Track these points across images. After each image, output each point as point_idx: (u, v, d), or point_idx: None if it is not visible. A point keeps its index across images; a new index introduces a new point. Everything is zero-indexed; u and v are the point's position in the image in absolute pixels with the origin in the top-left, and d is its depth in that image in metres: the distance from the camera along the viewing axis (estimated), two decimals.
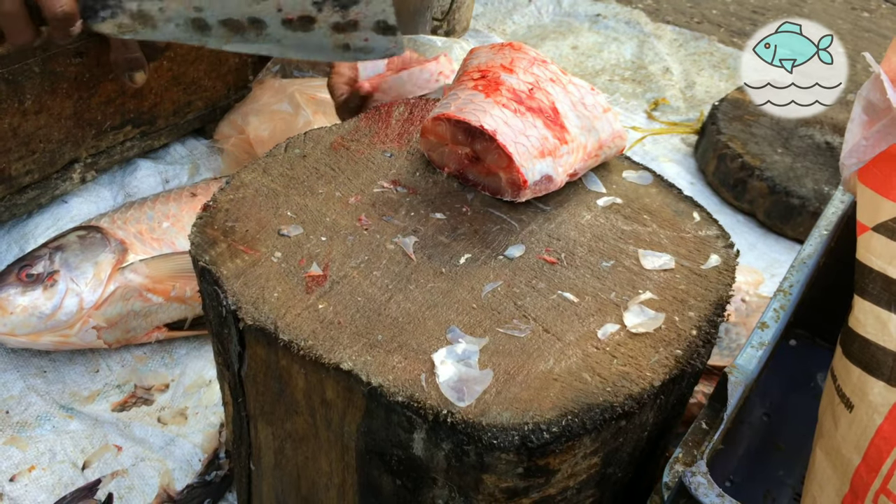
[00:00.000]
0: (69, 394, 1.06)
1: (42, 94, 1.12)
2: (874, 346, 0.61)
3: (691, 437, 0.60)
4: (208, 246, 0.65)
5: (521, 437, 0.52)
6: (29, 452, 0.98)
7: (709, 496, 0.53)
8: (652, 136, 1.79)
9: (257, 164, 0.75)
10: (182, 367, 1.11)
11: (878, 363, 0.60)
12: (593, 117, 0.72)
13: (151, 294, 1.06)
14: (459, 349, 0.57)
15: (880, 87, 0.71)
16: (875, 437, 0.58)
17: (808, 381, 1.05)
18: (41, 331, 1.02)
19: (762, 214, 1.53)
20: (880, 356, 0.60)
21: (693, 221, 0.72)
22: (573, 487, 0.60)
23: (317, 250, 0.66)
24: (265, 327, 0.58)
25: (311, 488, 0.70)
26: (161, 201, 1.17)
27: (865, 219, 0.67)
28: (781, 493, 0.89)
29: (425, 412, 0.53)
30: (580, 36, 2.22)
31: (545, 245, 0.68)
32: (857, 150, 0.74)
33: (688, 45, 2.21)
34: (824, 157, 1.56)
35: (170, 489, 0.96)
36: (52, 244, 1.07)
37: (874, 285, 0.64)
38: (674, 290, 0.64)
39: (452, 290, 0.63)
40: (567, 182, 0.73)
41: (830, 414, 0.64)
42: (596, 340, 0.59)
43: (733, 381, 0.62)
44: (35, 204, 1.24)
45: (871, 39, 2.53)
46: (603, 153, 0.75)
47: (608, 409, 0.54)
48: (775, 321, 0.69)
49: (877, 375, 0.60)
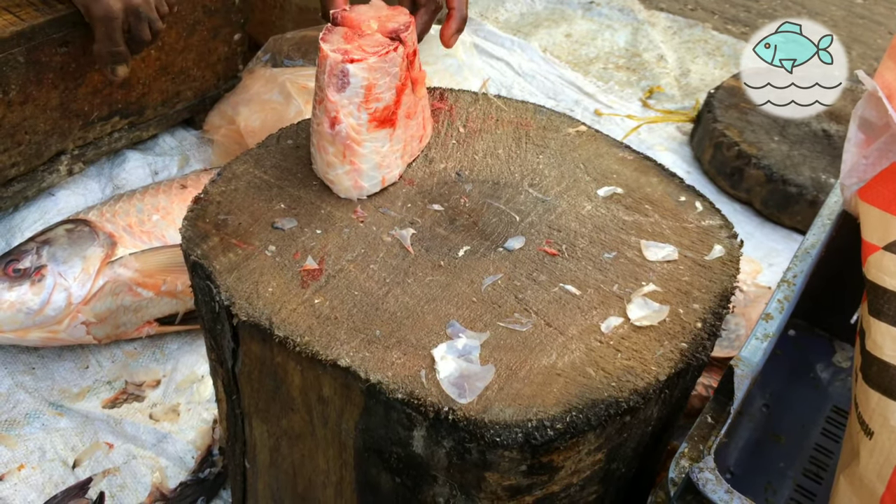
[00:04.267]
0: (58, 391, 1.04)
1: (27, 84, 1.10)
2: (894, 368, 0.59)
3: (697, 432, 0.58)
4: (200, 240, 0.63)
5: (525, 434, 0.51)
6: (18, 451, 0.96)
7: (717, 492, 0.52)
8: (647, 125, 1.78)
9: (249, 155, 0.73)
10: (174, 363, 1.09)
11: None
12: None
13: (141, 288, 1.04)
14: (460, 344, 0.56)
15: (877, 103, 0.70)
16: None
17: (807, 371, 1.04)
18: (29, 327, 1.00)
19: (759, 203, 1.52)
20: None
21: (696, 211, 0.71)
22: (577, 484, 0.58)
23: (312, 243, 0.64)
24: (259, 323, 0.57)
25: (307, 486, 0.69)
26: (150, 194, 1.15)
27: (875, 238, 0.66)
28: (782, 485, 0.89)
29: (426, 409, 0.52)
30: (573, 23, 2.20)
31: (546, 236, 0.66)
32: (856, 170, 0.73)
33: (682, 32, 2.19)
34: (821, 145, 1.55)
35: (163, 487, 0.94)
36: (40, 238, 1.05)
37: (890, 306, 0.62)
38: (678, 281, 0.63)
39: (452, 284, 0.61)
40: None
41: (851, 441, 0.62)
42: (599, 334, 0.58)
43: (739, 373, 0.60)
44: (21, 197, 1.22)
45: (866, 26, 2.52)
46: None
47: (613, 404, 0.53)
48: (779, 312, 0.68)
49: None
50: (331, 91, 0.64)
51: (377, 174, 0.69)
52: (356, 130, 0.66)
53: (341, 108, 0.65)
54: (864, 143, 0.73)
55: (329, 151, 0.67)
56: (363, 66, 0.64)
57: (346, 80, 0.64)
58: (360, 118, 0.66)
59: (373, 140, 0.67)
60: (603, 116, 1.79)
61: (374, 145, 0.67)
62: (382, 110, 0.66)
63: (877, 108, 0.71)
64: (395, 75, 0.66)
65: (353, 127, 0.66)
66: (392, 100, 0.67)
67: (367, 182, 0.68)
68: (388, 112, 0.67)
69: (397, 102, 0.68)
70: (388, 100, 0.66)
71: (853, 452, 0.61)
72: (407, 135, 0.71)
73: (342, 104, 0.65)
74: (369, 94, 0.65)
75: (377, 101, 0.66)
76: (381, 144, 0.68)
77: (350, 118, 0.65)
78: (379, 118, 0.67)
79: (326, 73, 0.64)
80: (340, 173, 0.68)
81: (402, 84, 0.67)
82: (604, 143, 0.79)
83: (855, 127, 0.74)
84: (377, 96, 0.65)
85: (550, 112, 0.83)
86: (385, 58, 0.65)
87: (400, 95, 0.68)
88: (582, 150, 0.78)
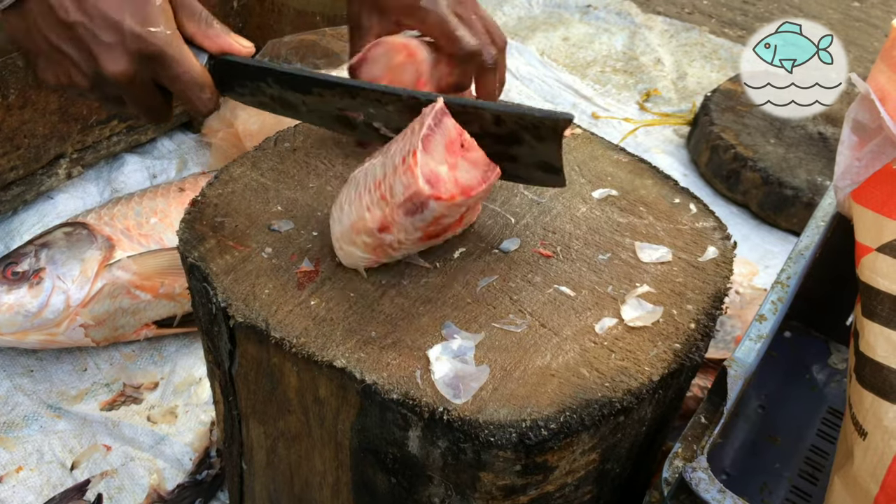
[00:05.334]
0: (57, 393, 1.05)
1: (26, 88, 1.10)
2: (887, 369, 0.59)
3: (690, 432, 0.59)
4: (197, 242, 0.64)
5: (519, 434, 0.51)
6: (16, 453, 0.96)
7: (710, 492, 0.52)
8: (644, 128, 1.79)
9: (246, 158, 0.74)
10: (171, 365, 1.10)
11: (891, 387, 0.58)
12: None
13: (139, 291, 1.05)
14: (455, 345, 0.56)
15: (870, 106, 0.71)
16: (893, 464, 0.56)
17: (802, 372, 1.05)
18: (27, 329, 1.00)
19: (755, 205, 1.52)
20: (893, 380, 0.58)
21: (690, 213, 0.71)
22: (571, 484, 0.59)
23: (308, 245, 0.64)
24: (256, 325, 0.57)
25: (304, 487, 0.69)
26: (148, 197, 1.16)
27: (868, 240, 0.66)
28: (778, 486, 0.89)
29: (421, 410, 0.52)
30: (571, 27, 2.21)
31: (540, 238, 0.67)
32: (850, 172, 0.74)
33: (679, 35, 2.20)
34: (817, 147, 1.56)
35: (160, 489, 0.95)
36: (38, 241, 1.05)
37: (883, 307, 0.62)
38: (671, 282, 0.64)
39: (447, 285, 0.62)
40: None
41: (846, 442, 0.63)
42: (593, 335, 0.58)
43: (732, 374, 0.61)
44: (20, 200, 1.22)
45: (862, 29, 2.53)
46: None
47: (607, 404, 0.54)
48: (773, 313, 0.69)
49: (891, 399, 0.58)
50: (399, 212, 0.55)
51: (391, 261, 0.63)
52: (401, 243, 0.59)
53: (399, 226, 0.57)
54: (857, 146, 0.74)
55: (360, 237, 0.58)
56: (446, 205, 0.55)
57: (422, 211, 0.55)
58: (412, 236, 0.58)
59: (412, 247, 0.61)
60: (600, 119, 1.80)
61: (410, 250, 0.61)
62: (439, 230, 0.60)
63: (870, 111, 0.71)
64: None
65: (400, 240, 0.58)
66: (454, 221, 0.60)
67: (378, 265, 0.62)
68: (440, 229, 0.60)
69: (458, 222, 0.62)
70: (450, 222, 0.60)
71: (848, 453, 0.62)
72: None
73: (403, 225, 0.57)
74: (436, 222, 0.58)
75: (438, 224, 0.58)
76: (416, 249, 0.62)
77: (401, 234, 0.58)
78: (430, 234, 0.60)
79: (405, 195, 0.54)
80: (357, 255, 0.60)
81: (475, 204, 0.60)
82: (599, 146, 0.80)
83: (848, 129, 0.74)
84: (443, 223, 0.59)
85: None
86: (473, 196, 0.56)
87: (464, 216, 0.61)
88: (577, 152, 0.78)
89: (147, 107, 0.63)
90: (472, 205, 0.60)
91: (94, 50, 0.56)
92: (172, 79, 0.60)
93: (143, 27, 0.56)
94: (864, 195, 0.70)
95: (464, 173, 0.56)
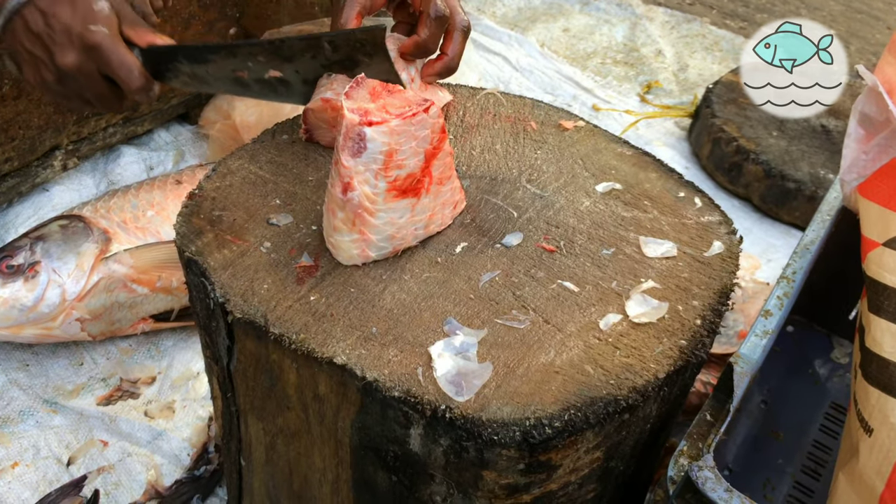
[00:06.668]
0: (53, 388, 1.04)
1: (20, 78, 1.09)
2: (894, 365, 0.58)
3: (696, 430, 0.58)
4: (194, 236, 0.63)
5: (523, 433, 0.50)
6: (12, 448, 0.96)
7: (717, 491, 0.51)
8: (645, 120, 1.77)
9: (244, 151, 0.73)
10: (169, 360, 1.09)
11: None
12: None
13: (136, 285, 1.04)
14: (457, 341, 0.55)
15: (877, 98, 0.70)
16: None
17: (805, 367, 1.04)
18: (23, 323, 0.99)
19: (757, 199, 1.51)
20: None
21: (695, 207, 0.70)
22: (575, 482, 0.58)
23: (307, 240, 0.63)
24: (255, 320, 0.56)
25: (303, 484, 0.69)
26: (145, 189, 1.14)
27: (875, 234, 0.65)
28: (781, 482, 0.88)
29: (422, 407, 0.51)
30: (571, 18, 2.20)
31: (543, 233, 0.66)
32: (856, 165, 0.73)
33: (680, 27, 2.19)
34: (820, 140, 1.55)
35: (158, 485, 0.94)
36: (33, 234, 1.04)
37: (889, 303, 0.61)
38: (677, 278, 0.63)
39: (449, 280, 0.61)
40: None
41: (850, 439, 0.62)
42: (598, 331, 0.57)
43: (739, 371, 0.60)
44: (15, 192, 1.21)
45: (864, 21, 2.51)
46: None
47: (612, 402, 0.53)
48: (779, 309, 0.68)
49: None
50: (345, 155, 0.57)
51: (388, 245, 0.61)
52: (371, 199, 0.58)
53: (356, 174, 0.57)
54: (864, 139, 0.73)
55: (337, 216, 0.59)
56: (383, 129, 0.56)
57: (363, 145, 0.56)
58: (377, 186, 0.58)
59: (390, 211, 0.60)
60: (601, 112, 1.79)
61: (391, 216, 0.60)
62: (405, 178, 0.59)
63: (877, 104, 0.70)
64: (423, 139, 0.59)
65: (367, 195, 0.58)
66: (418, 167, 0.59)
67: (375, 252, 0.61)
68: (411, 180, 0.59)
69: (425, 169, 0.60)
70: (413, 167, 0.59)
71: (852, 450, 0.61)
72: (437, 202, 0.63)
73: (357, 170, 0.57)
74: (389, 161, 0.58)
75: (399, 168, 0.58)
76: (398, 215, 0.60)
77: (365, 186, 0.58)
78: (400, 187, 0.59)
79: (343, 134, 0.57)
80: (346, 240, 0.60)
81: (433, 148, 0.60)
82: (602, 139, 0.78)
83: (855, 122, 0.73)
84: (399, 163, 0.58)
85: (548, 107, 0.82)
86: (411, 120, 0.57)
87: (430, 162, 0.60)
88: (580, 145, 0.77)
89: (97, 93, 0.77)
90: (432, 140, 0.60)
91: (52, 49, 0.73)
92: (110, 65, 0.74)
93: (84, 27, 0.72)
94: (870, 189, 0.69)
95: (394, 106, 0.59)
